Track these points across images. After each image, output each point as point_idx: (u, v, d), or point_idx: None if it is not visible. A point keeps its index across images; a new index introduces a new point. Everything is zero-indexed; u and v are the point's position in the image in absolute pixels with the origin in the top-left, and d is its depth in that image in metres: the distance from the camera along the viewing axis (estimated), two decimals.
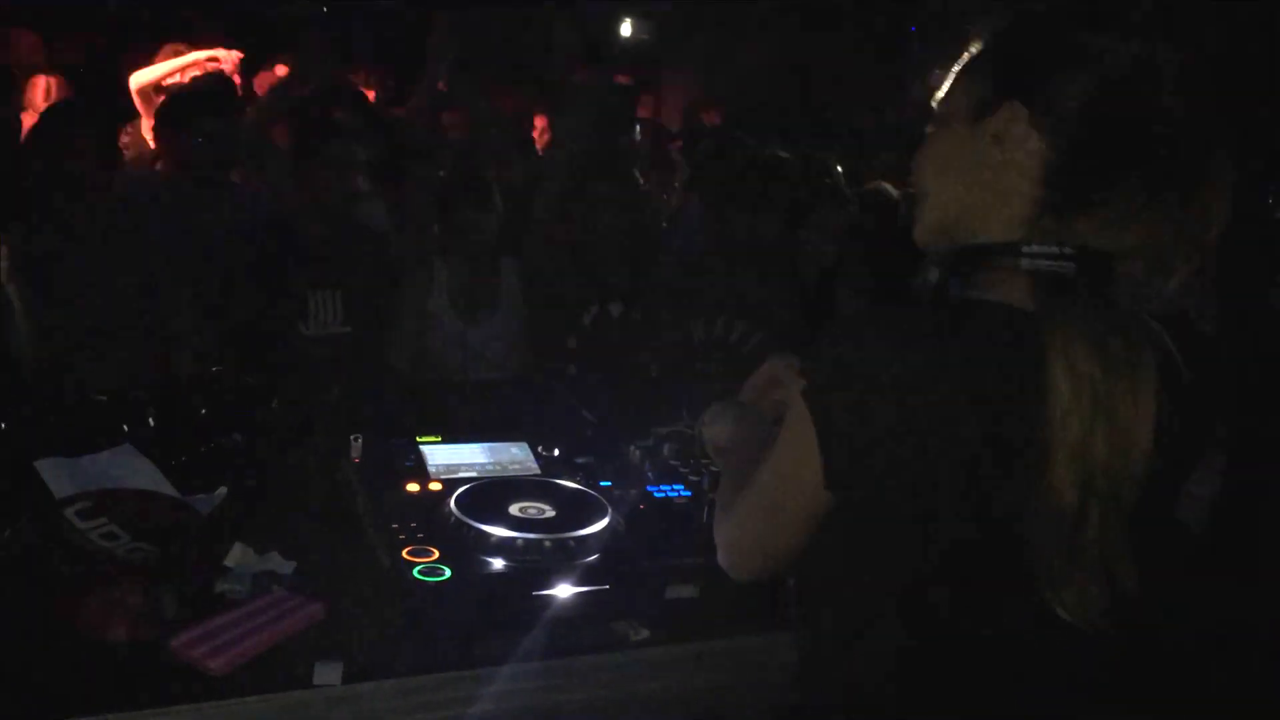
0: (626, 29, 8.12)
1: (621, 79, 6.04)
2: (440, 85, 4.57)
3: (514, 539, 1.64)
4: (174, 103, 3.60)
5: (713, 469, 1.88)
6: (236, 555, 1.74)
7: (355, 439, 1.94)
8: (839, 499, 1.15)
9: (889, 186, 4.11)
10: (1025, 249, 1.10)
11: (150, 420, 2.18)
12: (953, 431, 1.08)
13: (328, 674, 1.50)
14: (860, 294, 3.59)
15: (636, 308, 3.60)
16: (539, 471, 1.98)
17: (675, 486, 1.94)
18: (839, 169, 3.91)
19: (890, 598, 1.20)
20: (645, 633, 1.67)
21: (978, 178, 1.15)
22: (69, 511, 1.63)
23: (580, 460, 2.03)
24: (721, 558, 1.34)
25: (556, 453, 2.05)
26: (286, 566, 1.75)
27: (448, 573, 1.58)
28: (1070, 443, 1.04)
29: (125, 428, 2.12)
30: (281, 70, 4.80)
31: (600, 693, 1.64)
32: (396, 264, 3.55)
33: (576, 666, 1.62)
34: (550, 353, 3.49)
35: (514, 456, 2.01)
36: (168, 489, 1.88)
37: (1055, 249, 1.09)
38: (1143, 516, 1.08)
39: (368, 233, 3.55)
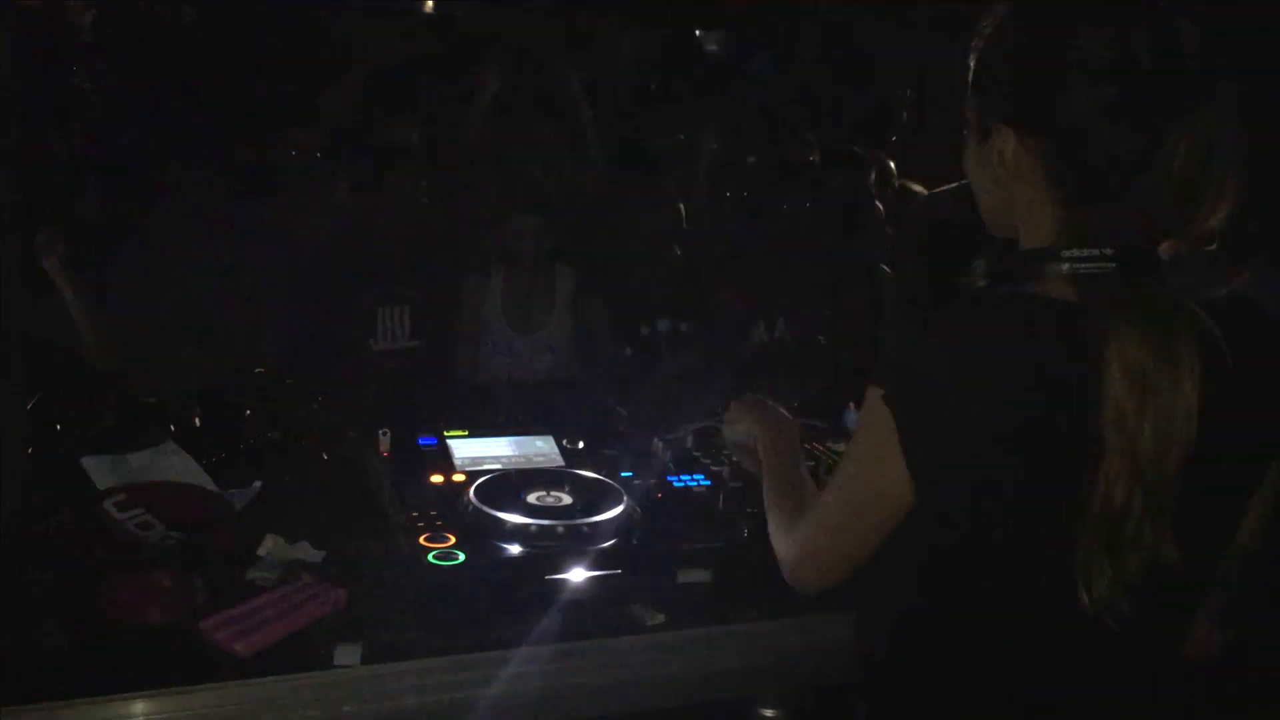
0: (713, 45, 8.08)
1: None
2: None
3: (528, 525, 1.68)
4: None
5: (733, 459, 1.90)
6: (268, 545, 1.81)
7: (383, 433, 2.00)
8: (921, 496, 1.16)
9: (917, 186, 4.12)
10: (1065, 253, 1.12)
11: (196, 421, 2.28)
12: (1018, 424, 1.10)
13: (347, 655, 1.56)
14: (913, 293, 3.62)
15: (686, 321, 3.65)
16: (562, 463, 2.02)
17: (695, 476, 1.97)
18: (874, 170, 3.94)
19: (944, 584, 1.22)
20: (661, 617, 1.69)
21: (999, 187, 1.20)
22: (107, 503, 1.71)
23: (604, 452, 2.06)
24: (792, 572, 1.35)
25: (581, 445, 2.09)
26: (316, 556, 1.81)
27: (461, 557, 1.62)
28: (1125, 435, 1.06)
29: (172, 428, 2.22)
30: None
31: (616, 675, 1.67)
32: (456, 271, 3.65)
33: (591, 650, 1.65)
34: (601, 362, 3.55)
35: (539, 449, 2.06)
36: (208, 484, 1.96)
37: (1095, 251, 1.11)
38: (1191, 507, 1.10)
39: (434, 250, 3.65)
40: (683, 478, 1.96)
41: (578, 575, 1.65)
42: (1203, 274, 1.21)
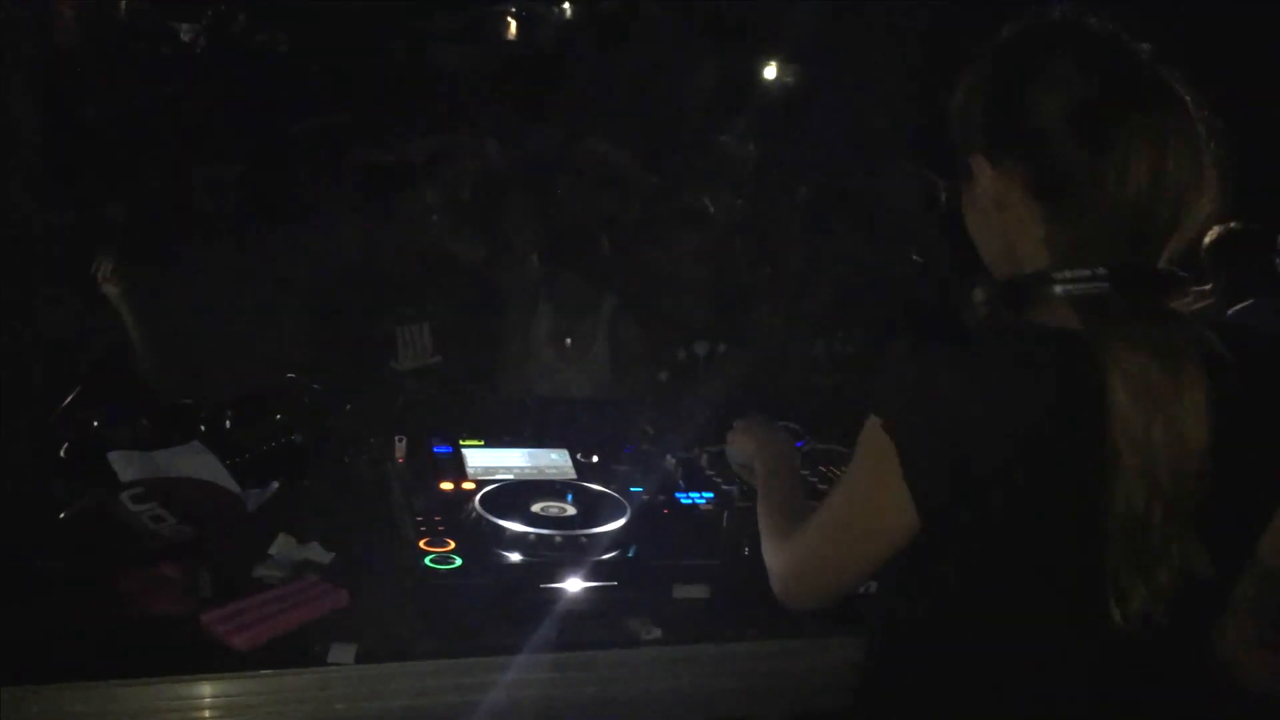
0: (771, 72, 8.10)
1: None
2: None
3: (527, 534, 1.70)
4: None
5: (744, 479, 1.90)
6: (280, 544, 1.85)
7: (399, 440, 2.03)
8: (927, 528, 1.17)
9: None
10: (1057, 275, 1.13)
11: (227, 423, 2.33)
12: (1026, 452, 1.11)
13: (341, 654, 1.58)
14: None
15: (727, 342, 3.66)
16: (574, 476, 2.03)
17: (705, 494, 1.97)
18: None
19: (966, 612, 1.22)
20: (658, 632, 1.69)
21: (993, 227, 1.23)
22: (124, 495, 1.76)
23: (617, 467, 2.07)
24: (779, 586, 1.37)
25: (596, 459, 2.10)
26: (325, 556, 1.84)
27: (458, 562, 1.64)
28: (1135, 449, 1.07)
29: (202, 428, 2.28)
30: None
31: (610, 689, 1.67)
32: (491, 291, 3.70)
33: (586, 661, 1.66)
34: (639, 387, 3.56)
35: (552, 461, 2.07)
36: (228, 482, 2.01)
37: (1087, 272, 1.12)
38: (1219, 519, 1.09)
39: (453, 265, 3.70)
40: (691, 495, 1.96)
41: (574, 585, 1.66)
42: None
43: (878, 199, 4.49)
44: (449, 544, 1.69)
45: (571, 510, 1.80)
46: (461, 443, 2.07)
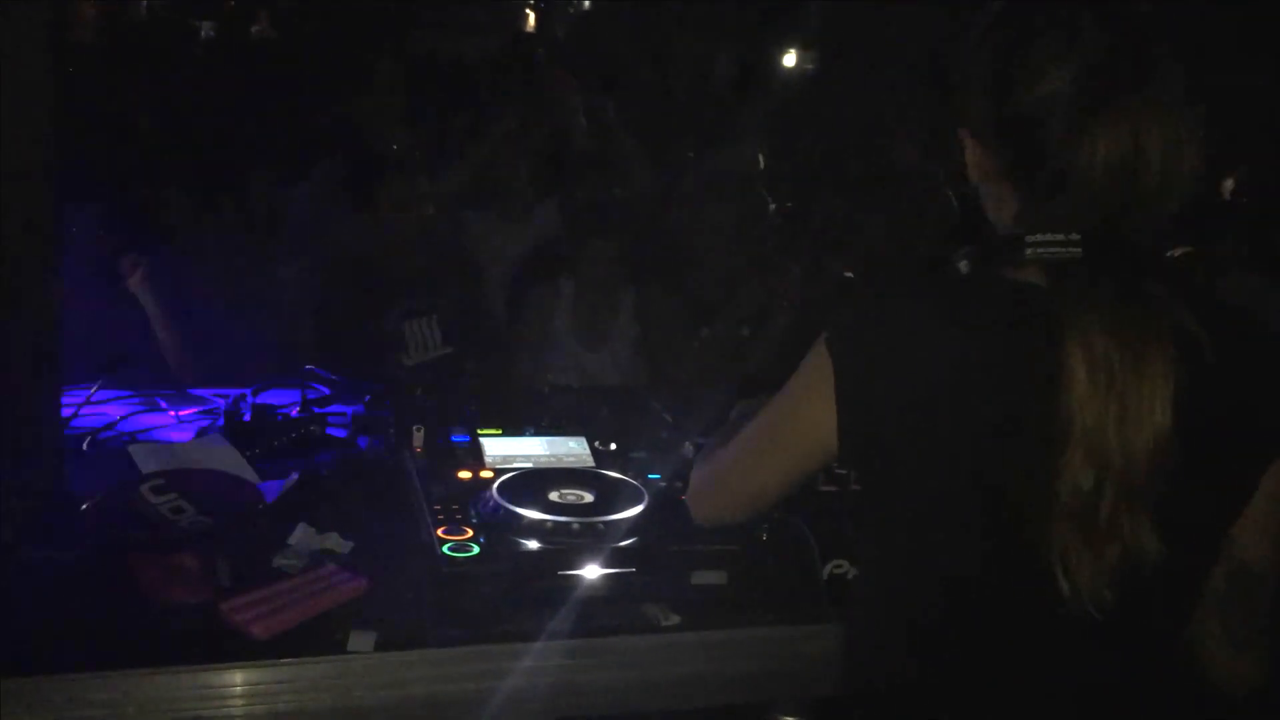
0: (790, 59, 8.07)
1: None
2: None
3: (544, 521, 1.69)
4: None
5: None
6: (299, 534, 1.85)
7: (417, 429, 2.03)
8: (844, 452, 1.19)
9: None
10: (1030, 239, 1.13)
11: (245, 414, 2.34)
12: (967, 394, 1.11)
13: (361, 642, 1.58)
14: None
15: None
16: (592, 464, 2.02)
17: None
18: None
19: (902, 573, 1.23)
20: (676, 618, 1.69)
21: (983, 186, 1.24)
22: (144, 487, 1.78)
23: (635, 455, 2.07)
24: (692, 498, 1.45)
25: (614, 447, 2.09)
26: (344, 546, 1.84)
27: (475, 549, 1.64)
28: (1087, 426, 1.05)
29: (221, 419, 2.29)
30: None
31: (629, 674, 1.67)
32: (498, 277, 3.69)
33: (603, 647, 1.65)
34: (664, 370, 3.55)
35: (570, 450, 2.07)
36: (247, 473, 2.02)
37: (1060, 237, 1.11)
38: (1177, 501, 1.08)
39: (452, 252, 3.68)
40: None
41: (592, 572, 1.66)
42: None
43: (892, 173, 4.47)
44: (467, 532, 1.69)
45: (589, 497, 1.80)
46: (479, 432, 2.07)
